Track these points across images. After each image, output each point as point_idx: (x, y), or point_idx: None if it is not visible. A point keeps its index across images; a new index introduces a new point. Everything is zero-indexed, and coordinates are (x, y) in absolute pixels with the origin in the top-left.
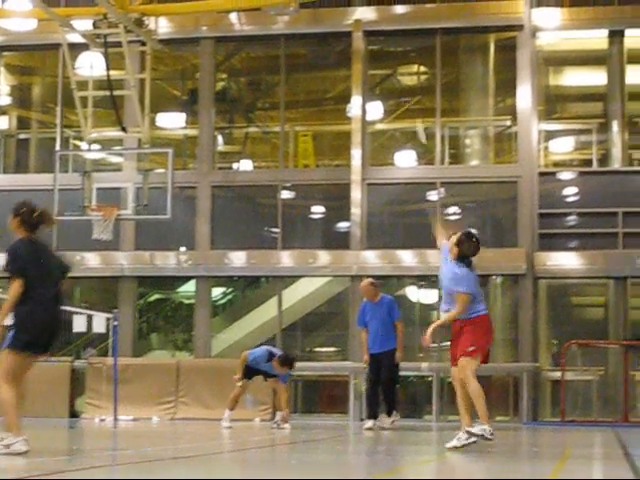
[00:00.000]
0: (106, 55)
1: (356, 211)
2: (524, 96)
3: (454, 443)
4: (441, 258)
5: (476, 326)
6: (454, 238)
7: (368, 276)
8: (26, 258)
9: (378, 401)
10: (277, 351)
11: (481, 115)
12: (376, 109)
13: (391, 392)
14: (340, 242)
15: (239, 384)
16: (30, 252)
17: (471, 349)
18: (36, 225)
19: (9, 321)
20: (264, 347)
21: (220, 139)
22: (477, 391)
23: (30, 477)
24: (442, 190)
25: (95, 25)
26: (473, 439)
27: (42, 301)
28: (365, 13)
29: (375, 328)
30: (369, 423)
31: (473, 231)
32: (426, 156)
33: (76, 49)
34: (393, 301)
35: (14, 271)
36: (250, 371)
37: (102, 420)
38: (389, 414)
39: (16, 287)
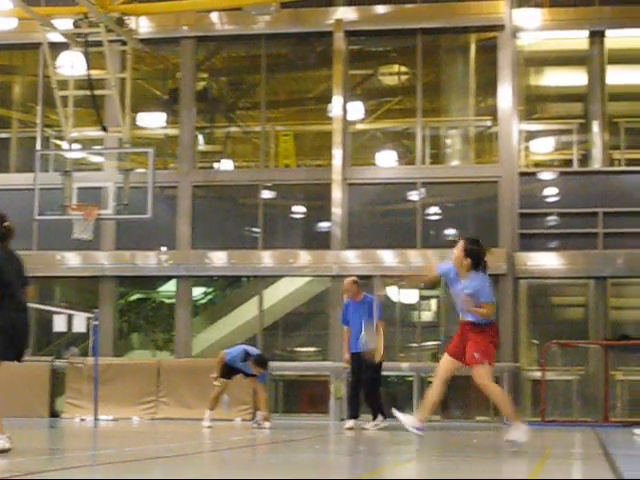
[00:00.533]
0: (87, 54)
1: (337, 211)
2: (505, 96)
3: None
4: (446, 280)
5: (485, 334)
6: (459, 252)
7: (349, 276)
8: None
9: (359, 401)
10: (254, 350)
11: (462, 115)
12: (357, 109)
13: (373, 394)
14: (321, 242)
15: (216, 383)
16: (5, 259)
17: (477, 356)
18: (5, 235)
19: None
20: (241, 346)
21: (201, 139)
22: (499, 394)
23: (10, 477)
24: (423, 190)
25: (76, 24)
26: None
27: (19, 308)
28: (346, 13)
29: (357, 327)
30: (349, 423)
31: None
32: (407, 156)
33: (57, 48)
34: (373, 300)
35: None
36: (228, 370)
37: (82, 420)
38: (374, 418)
39: None
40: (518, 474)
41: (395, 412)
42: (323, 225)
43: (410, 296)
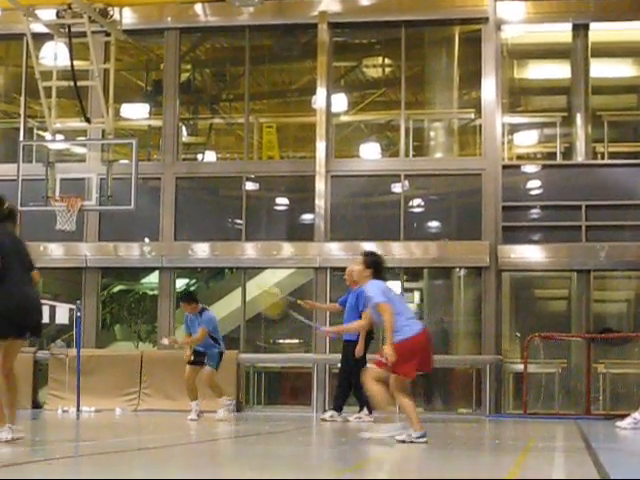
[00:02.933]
0: (70, 45)
1: (320, 203)
2: (488, 89)
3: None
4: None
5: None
6: (359, 266)
7: (333, 268)
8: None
9: (342, 393)
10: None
11: (445, 108)
12: (341, 101)
13: (357, 386)
14: (304, 234)
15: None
16: (4, 238)
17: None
18: (6, 217)
19: None
20: None
21: (184, 130)
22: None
23: None
24: (406, 182)
25: (59, 15)
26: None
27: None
28: (330, 5)
29: (345, 315)
30: (327, 414)
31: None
32: (390, 148)
33: (40, 39)
34: (363, 292)
35: None
36: (197, 355)
37: (65, 411)
38: (339, 410)
39: None
40: (500, 466)
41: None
42: (306, 217)
43: (393, 288)
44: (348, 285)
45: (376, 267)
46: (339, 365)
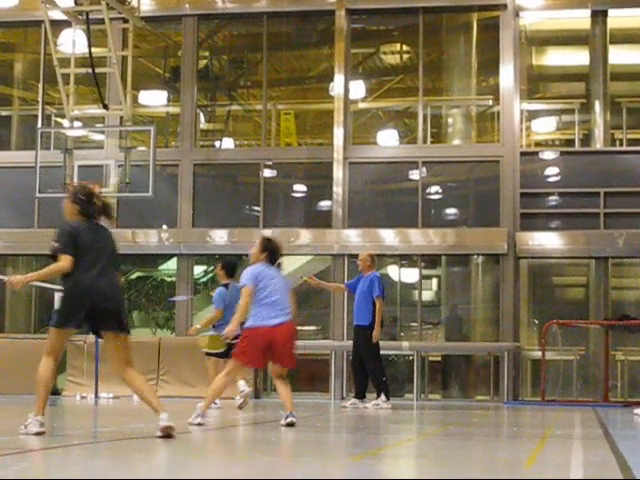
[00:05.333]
0: (88, 32)
1: (338, 190)
2: (507, 76)
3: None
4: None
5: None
6: (256, 249)
7: (350, 255)
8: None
9: (360, 379)
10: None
11: (463, 94)
12: (358, 88)
13: (371, 373)
14: (322, 221)
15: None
16: (83, 230)
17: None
18: (96, 212)
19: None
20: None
21: (202, 117)
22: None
23: (9, 454)
24: (424, 169)
25: (77, 2)
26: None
27: (94, 276)
28: None
29: (356, 300)
30: (348, 402)
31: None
32: (408, 135)
33: (58, 26)
34: (377, 278)
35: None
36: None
37: (83, 398)
38: (361, 397)
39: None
40: (518, 453)
41: None
42: (324, 204)
43: (411, 275)
44: (360, 271)
45: (271, 252)
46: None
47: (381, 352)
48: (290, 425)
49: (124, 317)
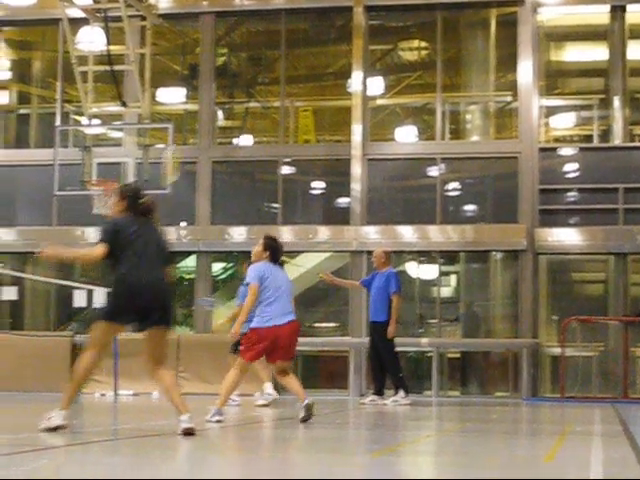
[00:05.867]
0: (106, 30)
1: (356, 186)
2: (525, 71)
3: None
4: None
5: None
6: (259, 247)
7: (369, 252)
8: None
9: (379, 376)
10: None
11: (482, 90)
12: (377, 84)
13: (388, 369)
14: (340, 217)
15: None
16: (126, 225)
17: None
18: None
19: None
20: None
21: (220, 114)
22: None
23: (29, 451)
24: (442, 166)
25: (95, 0)
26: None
27: (139, 272)
28: None
29: (372, 297)
30: (367, 398)
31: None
32: (426, 131)
33: (76, 24)
34: (394, 275)
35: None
36: None
37: (102, 395)
38: (379, 394)
39: None
40: (537, 450)
41: None
42: (342, 201)
43: (430, 271)
44: (375, 267)
45: (273, 250)
46: (369, 349)
47: (400, 348)
48: (309, 408)
49: (170, 312)
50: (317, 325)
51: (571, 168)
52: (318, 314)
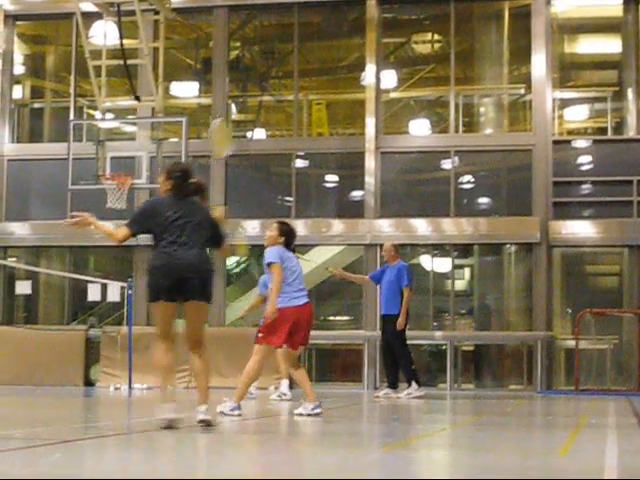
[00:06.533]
0: (119, 24)
1: (370, 180)
2: (538, 64)
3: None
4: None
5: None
6: (274, 232)
7: (382, 245)
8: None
9: (392, 369)
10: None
11: (495, 83)
12: (390, 77)
13: (400, 362)
14: (354, 211)
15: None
16: (167, 205)
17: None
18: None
19: None
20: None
21: (234, 108)
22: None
23: (44, 445)
24: (456, 159)
25: None
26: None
27: (176, 250)
28: None
29: (384, 290)
30: (381, 392)
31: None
32: (440, 124)
33: (89, 18)
34: (405, 268)
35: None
36: None
37: (117, 388)
38: (394, 387)
39: None
40: (552, 443)
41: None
42: (356, 194)
43: (444, 265)
44: (386, 261)
45: (288, 235)
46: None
47: (414, 342)
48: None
49: (208, 287)
50: (331, 318)
51: (585, 160)
52: (332, 307)
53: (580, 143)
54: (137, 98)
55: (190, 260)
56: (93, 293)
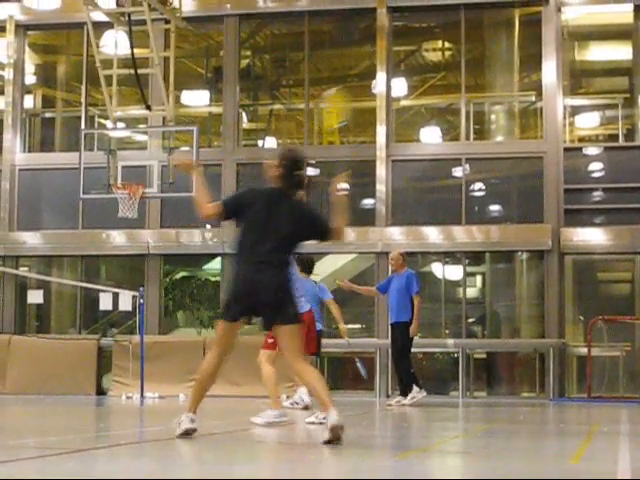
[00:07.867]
0: (130, 33)
1: (381, 188)
2: (549, 71)
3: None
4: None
5: None
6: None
7: None
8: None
9: (402, 376)
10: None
11: (506, 91)
12: (401, 85)
13: (400, 368)
14: (365, 219)
15: None
16: (259, 198)
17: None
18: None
19: None
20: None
21: (245, 116)
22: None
23: (56, 454)
24: (467, 166)
25: (119, 3)
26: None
27: (255, 262)
28: None
29: (393, 299)
30: (394, 400)
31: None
32: (451, 132)
33: (100, 27)
34: (413, 275)
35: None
36: None
37: (129, 397)
38: (405, 394)
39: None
40: (564, 450)
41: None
42: (367, 202)
43: (455, 272)
44: (393, 270)
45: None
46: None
47: (426, 349)
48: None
49: (285, 308)
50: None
51: (596, 167)
52: (344, 316)
53: (591, 150)
54: (148, 107)
55: (266, 282)
56: (105, 302)
